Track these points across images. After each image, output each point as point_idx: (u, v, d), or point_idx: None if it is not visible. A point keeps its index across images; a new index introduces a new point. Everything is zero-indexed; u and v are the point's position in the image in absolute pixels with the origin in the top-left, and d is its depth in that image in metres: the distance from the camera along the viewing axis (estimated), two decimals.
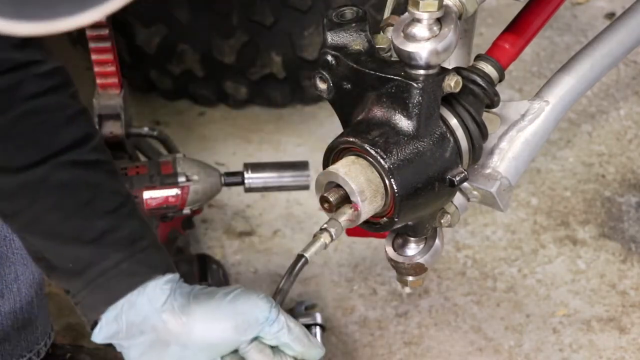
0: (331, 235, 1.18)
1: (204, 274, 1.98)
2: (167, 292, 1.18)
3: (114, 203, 1.19)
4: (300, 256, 1.18)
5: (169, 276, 1.19)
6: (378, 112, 1.18)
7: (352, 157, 1.18)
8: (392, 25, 1.26)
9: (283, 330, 1.18)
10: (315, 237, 1.18)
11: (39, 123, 1.17)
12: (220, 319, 1.18)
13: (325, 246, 1.18)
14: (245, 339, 1.18)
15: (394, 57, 1.21)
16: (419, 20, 1.15)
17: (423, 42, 1.15)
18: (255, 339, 1.19)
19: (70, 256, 1.19)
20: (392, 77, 1.17)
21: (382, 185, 1.17)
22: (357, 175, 1.16)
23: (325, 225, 1.17)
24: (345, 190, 1.16)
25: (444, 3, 1.17)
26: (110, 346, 1.23)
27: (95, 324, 1.21)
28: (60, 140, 1.18)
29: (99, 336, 1.21)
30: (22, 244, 1.25)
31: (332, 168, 1.18)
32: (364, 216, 1.18)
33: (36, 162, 1.16)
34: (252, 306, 1.18)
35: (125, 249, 1.18)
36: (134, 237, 1.19)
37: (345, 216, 1.17)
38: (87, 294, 1.19)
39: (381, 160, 1.15)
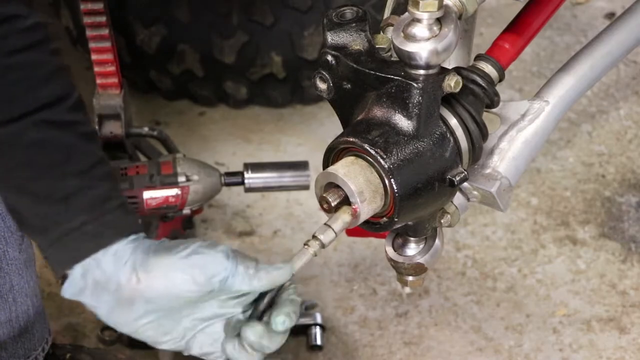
0: (322, 244, 1.18)
1: None
2: (129, 251, 1.20)
3: (85, 165, 1.21)
4: None
5: (133, 237, 1.21)
6: (378, 112, 1.18)
7: (352, 158, 1.18)
8: (392, 25, 1.25)
9: (244, 280, 1.20)
10: (305, 246, 1.18)
11: (17, 80, 1.17)
12: (177, 274, 1.20)
13: (315, 254, 1.19)
14: (207, 289, 1.20)
15: (394, 57, 1.21)
16: (419, 20, 1.15)
17: (423, 42, 1.15)
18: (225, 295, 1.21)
19: (40, 213, 1.20)
20: (392, 77, 1.17)
21: (382, 185, 1.17)
22: (356, 175, 1.16)
23: (316, 233, 1.17)
24: (344, 191, 1.16)
25: (444, 3, 1.17)
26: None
27: (64, 278, 1.22)
28: (37, 99, 1.18)
29: (67, 291, 1.22)
30: None
31: (331, 169, 1.17)
32: (364, 217, 1.17)
33: (11, 119, 1.17)
34: (209, 261, 1.20)
35: (91, 211, 1.20)
36: (102, 199, 1.21)
37: (340, 220, 1.17)
38: (53, 250, 1.21)
39: (381, 160, 1.15)
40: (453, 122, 1.21)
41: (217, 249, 1.21)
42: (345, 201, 1.17)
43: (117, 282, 1.20)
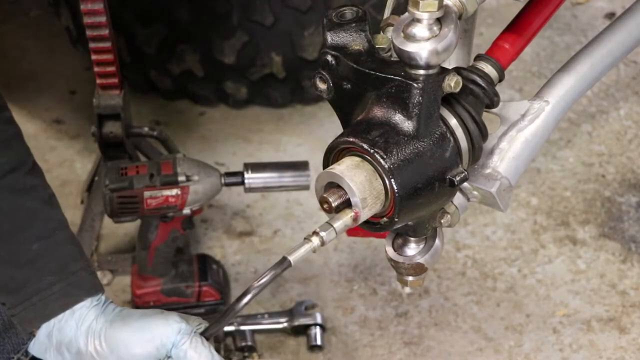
0: (322, 240, 1.17)
1: (204, 274, 1.98)
2: (91, 316, 1.27)
3: (48, 228, 1.27)
4: (284, 259, 1.18)
5: (96, 297, 1.28)
6: (378, 112, 1.18)
7: (357, 160, 1.17)
8: (392, 25, 1.25)
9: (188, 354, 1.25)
10: (305, 240, 1.18)
11: None
12: (132, 345, 1.26)
13: (314, 250, 1.18)
14: (159, 356, 1.26)
15: (394, 57, 1.21)
16: (419, 20, 1.15)
17: (423, 42, 1.15)
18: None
19: (6, 275, 1.27)
20: (392, 77, 1.17)
21: (383, 191, 1.16)
22: (362, 183, 1.15)
23: (318, 230, 1.17)
24: (345, 192, 1.16)
25: (444, 3, 1.17)
26: None
27: (29, 335, 1.30)
28: None
29: (33, 349, 1.31)
30: None
31: (337, 171, 1.17)
32: (363, 220, 1.17)
33: None
34: (161, 330, 1.25)
35: (58, 272, 1.26)
36: (66, 260, 1.27)
37: (341, 221, 1.17)
38: (22, 309, 1.28)
39: (381, 161, 1.15)
40: (453, 122, 1.21)
41: (169, 321, 1.26)
42: (346, 203, 1.17)
43: (77, 346, 1.27)
